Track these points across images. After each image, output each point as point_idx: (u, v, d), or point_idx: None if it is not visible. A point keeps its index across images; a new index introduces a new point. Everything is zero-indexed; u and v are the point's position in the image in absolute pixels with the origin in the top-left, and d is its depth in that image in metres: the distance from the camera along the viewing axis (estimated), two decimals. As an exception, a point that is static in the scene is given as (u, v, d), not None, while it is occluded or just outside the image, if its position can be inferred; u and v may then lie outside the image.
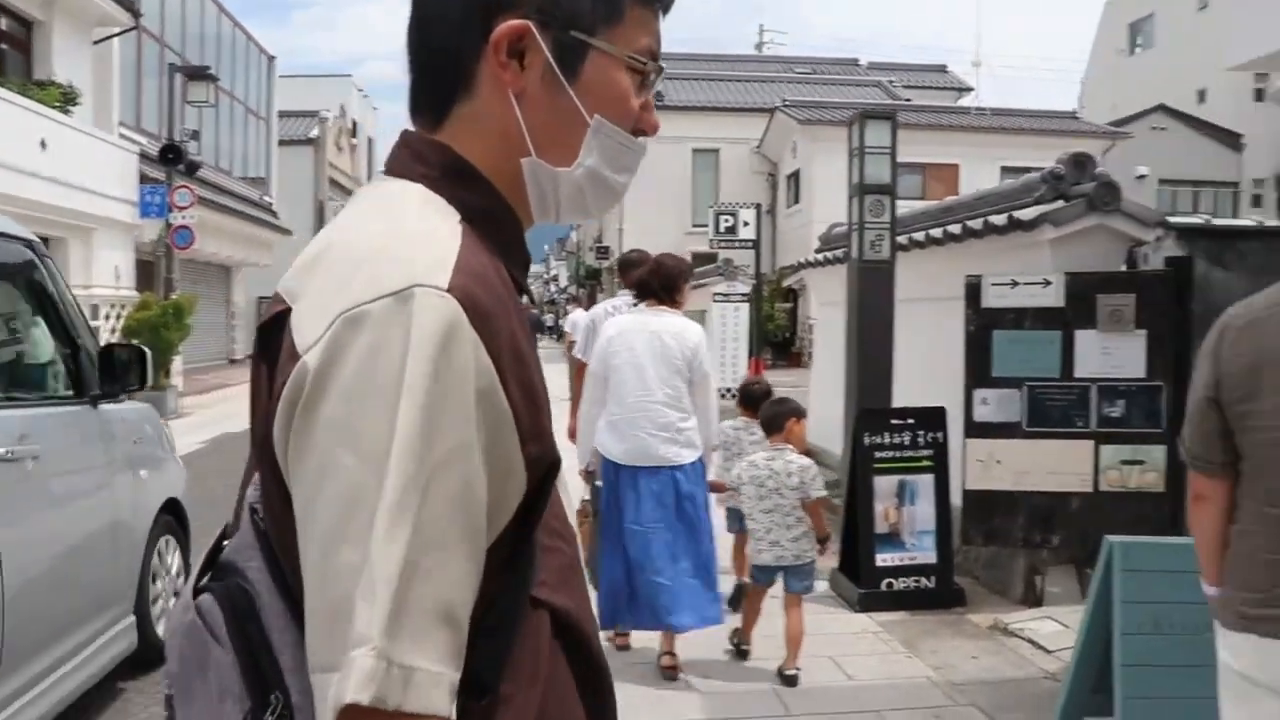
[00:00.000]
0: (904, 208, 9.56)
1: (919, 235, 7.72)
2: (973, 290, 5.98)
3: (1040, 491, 5.97)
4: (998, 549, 6.69)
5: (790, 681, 5.28)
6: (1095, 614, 4.05)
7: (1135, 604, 3.86)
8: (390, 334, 0.95)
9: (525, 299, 1.25)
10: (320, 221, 36.54)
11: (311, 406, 0.96)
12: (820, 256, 11.32)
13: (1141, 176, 31.53)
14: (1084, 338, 5.84)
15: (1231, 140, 34.74)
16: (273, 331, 1.06)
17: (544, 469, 1.07)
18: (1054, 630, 5.93)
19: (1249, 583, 2.46)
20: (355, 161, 44.13)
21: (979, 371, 5.99)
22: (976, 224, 6.89)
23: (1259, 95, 31.03)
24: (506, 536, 1.04)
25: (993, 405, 5.99)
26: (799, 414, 5.76)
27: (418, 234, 1.05)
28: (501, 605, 1.04)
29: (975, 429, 6.03)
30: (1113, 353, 5.81)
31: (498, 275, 1.07)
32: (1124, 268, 6.44)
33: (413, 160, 1.17)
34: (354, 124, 44.20)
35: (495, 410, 1.00)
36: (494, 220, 1.16)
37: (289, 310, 1.04)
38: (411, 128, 1.23)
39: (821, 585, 6.99)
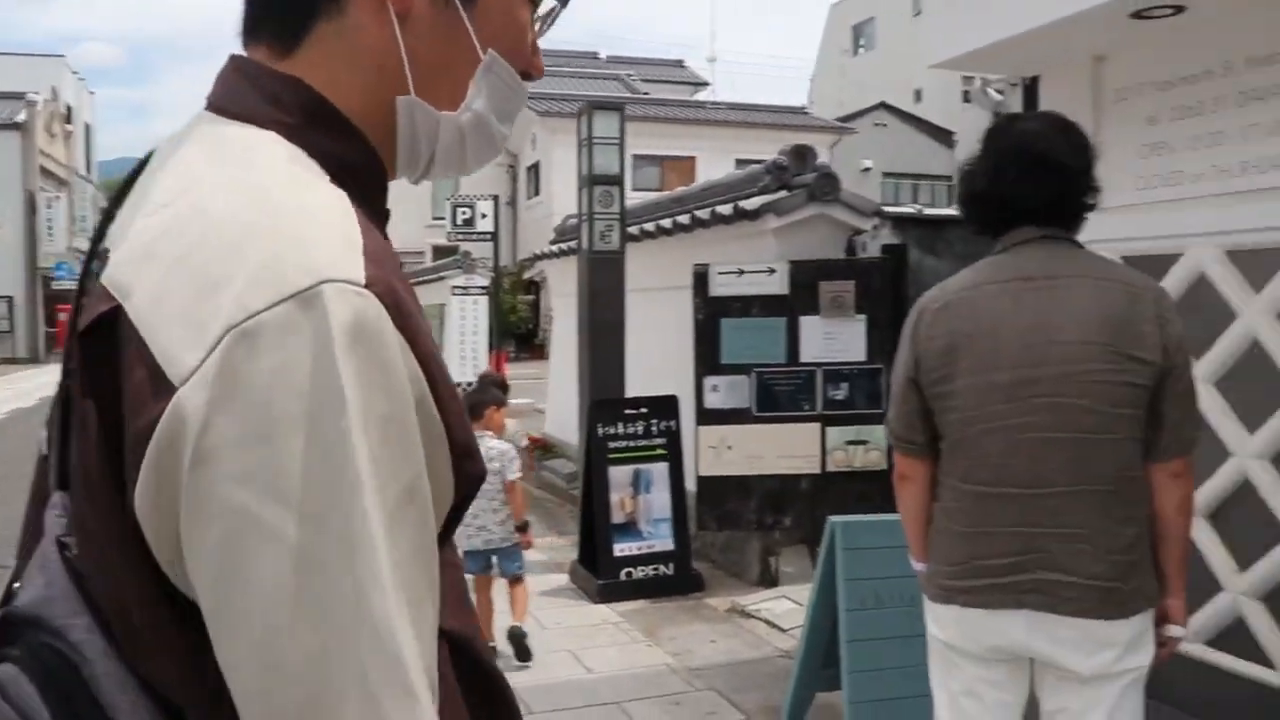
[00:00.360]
0: (642, 199, 9.66)
1: (650, 226, 7.79)
2: (700, 279, 6.06)
3: (771, 475, 6.12)
4: (733, 533, 6.82)
5: (519, 635, 5.41)
6: (821, 592, 4.15)
7: (857, 581, 3.98)
8: (301, 351, 0.72)
9: None
10: (32, 214, 34.07)
11: (209, 459, 0.72)
12: (555, 248, 11.30)
13: (866, 169, 33.17)
14: (808, 324, 6.01)
15: (945, 137, 36.97)
16: (100, 339, 0.79)
17: (471, 484, 0.88)
18: (788, 609, 6.08)
19: (949, 556, 2.54)
20: (71, 150, 41.26)
21: (708, 359, 6.08)
22: (704, 214, 6.99)
23: (967, 97, 33.15)
24: None
25: (723, 392, 6.09)
26: (499, 402, 5.83)
27: (303, 207, 0.81)
28: None
29: (706, 416, 6.12)
30: (835, 337, 6.00)
31: (397, 257, 0.86)
32: (844, 256, 6.67)
33: (260, 99, 0.91)
34: (68, 109, 41.28)
35: (430, 425, 0.80)
36: (363, 179, 0.92)
37: (119, 310, 0.78)
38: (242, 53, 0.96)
39: (562, 579, 6.97)
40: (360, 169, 0.93)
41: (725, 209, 6.77)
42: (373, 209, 0.91)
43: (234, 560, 0.72)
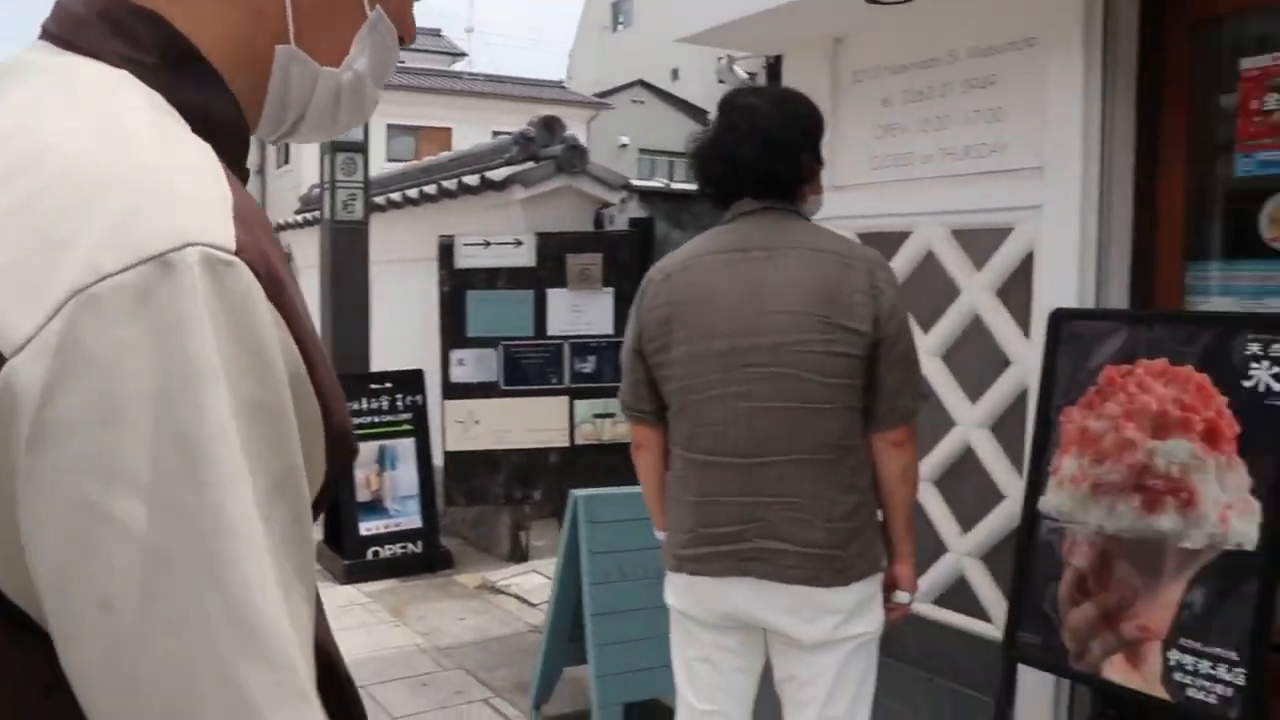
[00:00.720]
0: (394, 169, 9.41)
1: (396, 196, 7.58)
2: (446, 251, 5.93)
3: (520, 449, 6.07)
4: (482, 508, 6.75)
5: None
6: (565, 567, 4.13)
7: (601, 554, 3.97)
8: (158, 322, 0.63)
9: None
10: None
11: (48, 442, 0.62)
12: (299, 218, 10.90)
13: (623, 146, 33.46)
14: (555, 296, 5.98)
15: (700, 116, 37.54)
16: None
17: (344, 468, 0.81)
18: (539, 584, 6.06)
19: (680, 525, 2.55)
20: None
21: (454, 332, 5.98)
22: (451, 184, 6.85)
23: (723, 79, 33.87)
24: None
25: (469, 366, 5.99)
26: None
27: (170, 158, 0.70)
28: None
29: (453, 390, 6.01)
30: (582, 310, 5.99)
31: (268, 221, 0.77)
32: (592, 228, 6.67)
33: (109, 33, 0.79)
34: None
35: (305, 408, 0.72)
36: (224, 134, 0.81)
37: None
38: None
39: (307, 560, 6.76)
40: (222, 122, 0.82)
41: (472, 180, 6.64)
42: (233, 169, 0.79)
43: (79, 558, 0.62)
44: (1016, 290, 4.03)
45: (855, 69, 4.71)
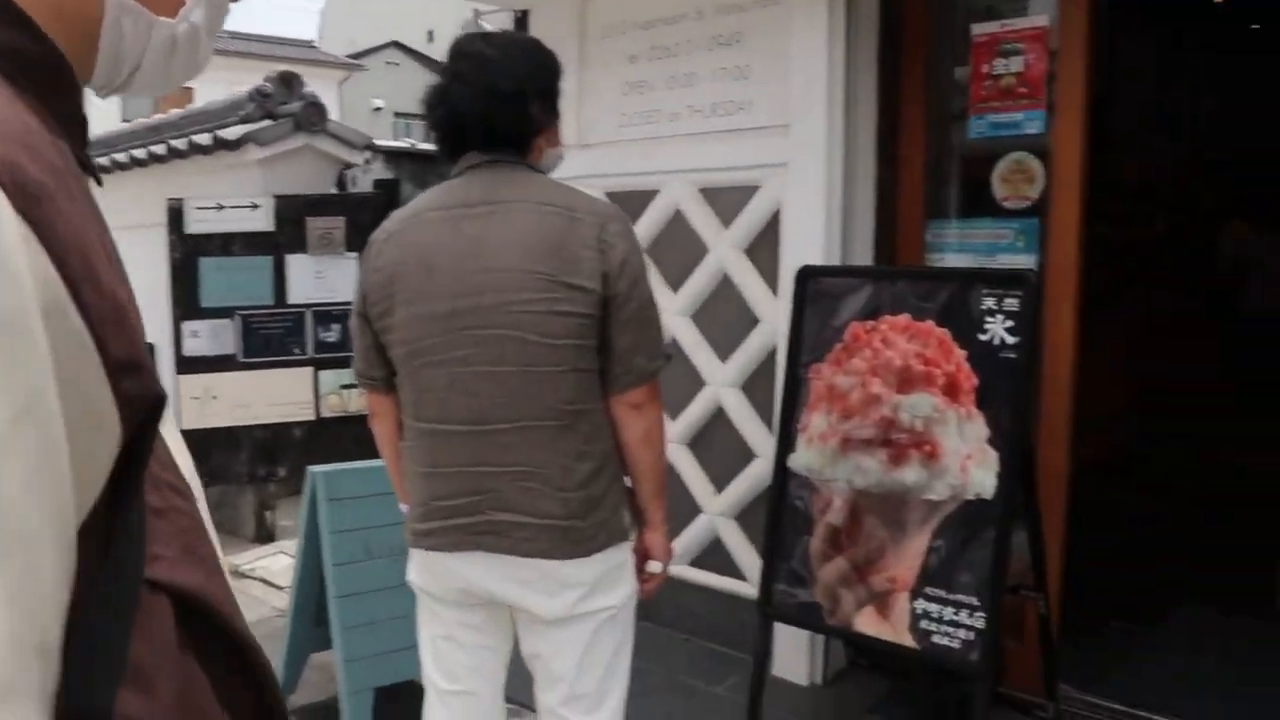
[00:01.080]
0: (123, 129, 8.77)
1: (122, 156, 7.03)
2: (175, 215, 5.51)
3: (262, 424, 5.74)
4: (224, 488, 6.38)
5: None
6: (307, 547, 3.90)
7: (344, 532, 3.76)
8: None
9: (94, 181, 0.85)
10: None
11: None
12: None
13: (378, 109, 32.64)
14: (296, 262, 5.65)
15: (457, 78, 37.10)
16: None
17: (144, 409, 0.74)
18: (286, 565, 5.77)
19: (414, 498, 2.40)
20: None
21: (187, 302, 5.56)
22: (181, 144, 6.39)
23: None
24: (101, 509, 0.72)
25: (204, 338, 5.61)
26: None
27: None
28: (104, 600, 0.72)
29: (187, 364, 5.62)
30: (325, 276, 5.69)
31: (51, 144, 0.72)
32: (335, 190, 6.36)
33: None
34: None
35: (67, 336, 0.67)
36: (38, 72, 0.78)
37: None
38: None
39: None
40: (34, 60, 0.78)
41: (204, 139, 6.21)
42: (56, 110, 0.79)
43: None
44: (764, 248, 4.03)
45: (604, 24, 4.60)
